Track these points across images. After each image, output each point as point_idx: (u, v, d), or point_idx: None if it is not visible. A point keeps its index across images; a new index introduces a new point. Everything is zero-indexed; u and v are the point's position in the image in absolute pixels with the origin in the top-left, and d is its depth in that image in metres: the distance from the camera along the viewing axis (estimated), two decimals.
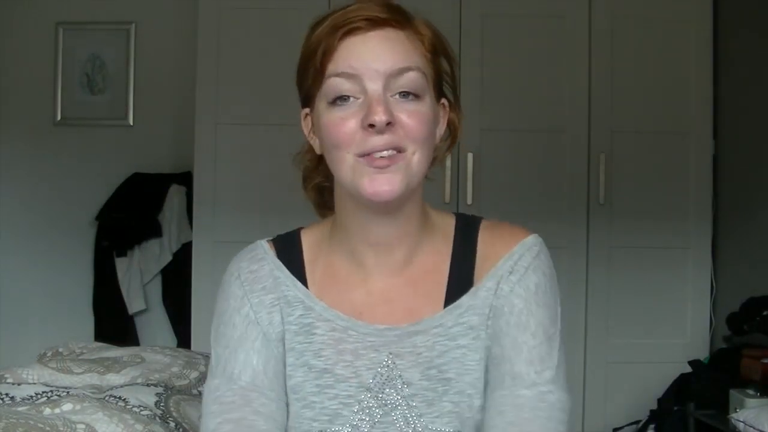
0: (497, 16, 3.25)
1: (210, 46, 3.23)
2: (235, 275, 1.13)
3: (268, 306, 1.10)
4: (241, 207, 3.21)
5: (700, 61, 3.28)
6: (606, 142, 3.25)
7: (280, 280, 1.11)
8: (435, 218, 1.14)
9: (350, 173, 1.02)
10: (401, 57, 1.02)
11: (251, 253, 1.14)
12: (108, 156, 3.72)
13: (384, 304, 1.09)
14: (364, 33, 1.02)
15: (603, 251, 3.26)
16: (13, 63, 3.76)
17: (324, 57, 1.02)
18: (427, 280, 1.09)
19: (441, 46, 1.09)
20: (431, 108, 1.05)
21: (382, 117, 0.99)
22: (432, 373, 1.06)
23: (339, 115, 1.02)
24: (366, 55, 1.01)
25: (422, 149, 1.03)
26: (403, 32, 1.04)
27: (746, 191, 3.16)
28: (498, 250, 1.09)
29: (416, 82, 1.02)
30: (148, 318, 3.69)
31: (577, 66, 3.25)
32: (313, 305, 1.10)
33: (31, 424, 1.23)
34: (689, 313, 3.29)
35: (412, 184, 1.03)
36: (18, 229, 3.75)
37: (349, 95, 1.01)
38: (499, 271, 1.07)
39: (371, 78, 1.01)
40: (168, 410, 1.43)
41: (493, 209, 3.13)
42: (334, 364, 1.08)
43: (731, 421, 2.40)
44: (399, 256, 1.10)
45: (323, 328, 1.09)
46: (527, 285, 1.06)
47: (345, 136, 1.01)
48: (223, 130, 3.24)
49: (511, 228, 1.12)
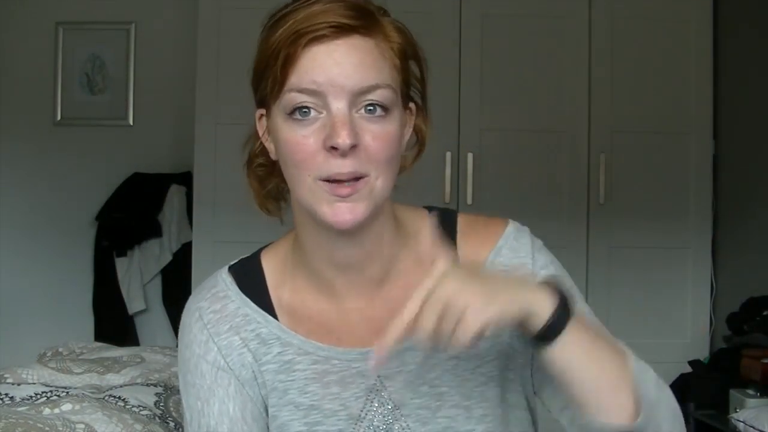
0: (497, 16, 3.25)
1: (210, 46, 3.23)
2: (196, 316, 1.05)
3: (238, 348, 1.03)
4: (241, 207, 3.18)
5: (700, 61, 3.28)
6: (606, 142, 3.25)
7: (249, 317, 1.04)
8: (409, 221, 1.06)
9: (309, 196, 0.94)
10: (369, 73, 0.93)
11: (213, 289, 1.06)
12: (108, 156, 3.72)
13: (364, 323, 1.02)
14: (329, 42, 0.92)
15: (603, 251, 3.26)
16: (13, 63, 3.75)
17: (284, 67, 0.93)
18: (409, 290, 0.99)
19: (411, 49, 1.00)
20: (398, 123, 0.96)
21: (345, 140, 0.90)
22: (424, 390, 1.01)
23: (300, 133, 0.93)
24: (331, 69, 0.91)
25: (386, 172, 0.95)
26: (373, 40, 0.94)
27: (746, 191, 3.16)
28: (479, 249, 1.03)
29: (385, 97, 0.94)
30: (148, 318, 3.69)
31: (577, 66, 3.25)
32: (290, 340, 1.02)
33: (31, 424, 1.23)
34: (689, 313, 3.29)
35: (377, 207, 0.96)
36: (18, 229, 3.75)
37: (310, 108, 0.93)
38: (488, 268, 1.01)
39: (335, 96, 0.92)
40: (168, 410, 1.43)
41: (493, 209, 3.11)
42: (321, 399, 1.01)
43: (731, 421, 2.40)
44: (372, 275, 1.02)
45: (305, 363, 1.02)
46: (546, 265, 1.03)
47: (305, 157, 0.93)
48: (223, 130, 3.23)
49: (485, 221, 1.06)
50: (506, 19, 3.26)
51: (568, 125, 3.25)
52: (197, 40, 3.26)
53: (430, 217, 1.03)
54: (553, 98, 3.25)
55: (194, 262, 3.24)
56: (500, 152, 3.23)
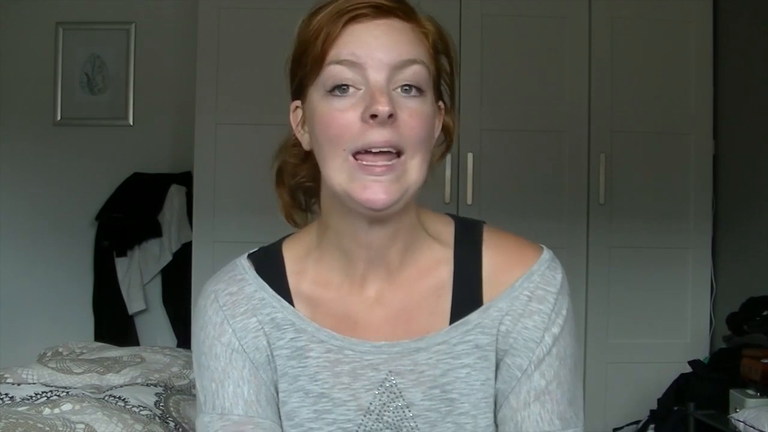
0: (497, 16, 3.25)
1: (210, 46, 3.23)
2: (212, 298, 1.05)
3: (253, 331, 1.03)
4: (241, 207, 3.21)
5: (700, 61, 3.29)
6: (606, 142, 3.25)
7: (265, 301, 1.04)
8: (430, 222, 1.07)
9: (342, 176, 0.95)
10: (407, 48, 0.96)
11: (229, 273, 1.07)
12: (108, 156, 3.72)
13: (382, 315, 1.03)
14: (370, 20, 0.96)
15: (603, 251, 3.26)
16: (13, 63, 3.75)
17: (325, 43, 0.95)
18: (426, 290, 1.03)
19: (444, 44, 1.03)
20: (432, 106, 0.99)
21: (385, 107, 0.92)
22: (435, 393, 1.01)
23: (336, 107, 0.95)
24: (371, 43, 0.95)
25: (421, 152, 0.96)
26: (409, 24, 0.98)
27: (746, 191, 3.16)
28: (511, 267, 1.02)
29: (421, 76, 0.97)
30: (148, 318, 3.69)
31: (577, 66, 3.25)
32: (304, 326, 1.03)
33: (31, 424, 1.23)
34: (689, 313, 3.29)
35: (409, 193, 0.97)
36: (18, 229, 3.75)
37: (350, 85, 0.95)
38: (515, 292, 1.01)
39: (375, 68, 0.94)
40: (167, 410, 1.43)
41: (493, 209, 3.13)
42: (331, 387, 1.02)
43: (731, 421, 2.40)
44: (392, 257, 1.03)
45: (318, 350, 1.02)
46: (559, 310, 1.01)
47: (342, 128, 0.94)
48: (223, 130, 3.24)
49: (517, 240, 1.06)
50: (506, 19, 3.26)
51: (568, 125, 3.26)
52: (197, 40, 3.26)
53: (452, 220, 1.08)
54: (553, 98, 3.26)
55: (194, 262, 3.24)
56: (500, 152, 3.24)
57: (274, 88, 3.79)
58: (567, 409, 1.01)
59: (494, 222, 1.12)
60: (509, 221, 2.74)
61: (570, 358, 1.02)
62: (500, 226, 1.11)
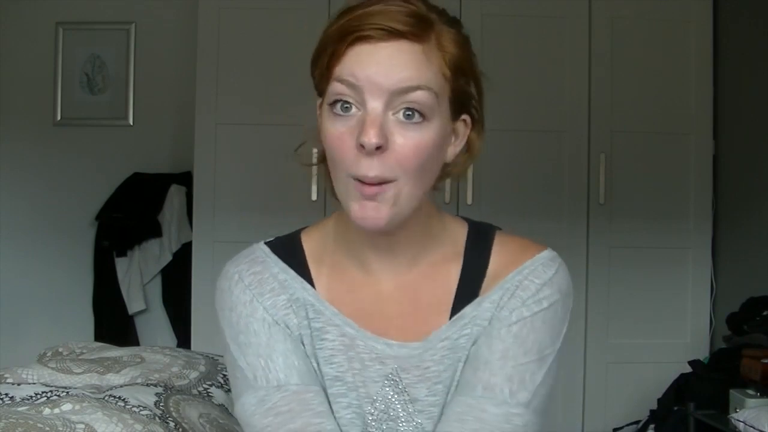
0: (497, 16, 3.25)
1: (210, 46, 3.23)
2: (235, 279, 1.05)
3: (282, 308, 1.04)
4: (241, 207, 3.21)
5: (700, 61, 3.29)
6: (606, 142, 3.25)
7: (287, 282, 1.05)
8: (446, 225, 1.09)
9: (343, 191, 0.97)
10: (411, 74, 0.93)
11: (250, 255, 1.07)
12: (108, 156, 3.72)
13: (393, 311, 1.05)
14: (375, 43, 0.93)
15: (603, 251, 3.26)
16: (13, 63, 3.76)
17: (330, 60, 0.96)
18: (434, 287, 1.05)
19: (466, 63, 1.00)
20: (438, 131, 0.96)
21: (372, 140, 0.91)
22: (439, 389, 1.02)
23: (338, 129, 0.95)
24: (371, 68, 0.93)
25: (414, 181, 0.95)
26: (421, 46, 0.95)
27: (746, 191, 3.16)
28: (508, 265, 1.04)
29: (425, 101, 0.94)
30: (148, 318, 3.69)
31: (577, 66, 3.25)
32: (323, 309, 1.04)
33: (31, 424, 1.23)
34: (689, 313, 3.29)
35: (402, 214, 0.97)
36: (18, 229, 3.75)
37: (351, 103, 0.95)
38: (507, 284, 1.02)
39: (372, 93, 0.93)
40: (167, 410, 1.43)
41: (493, 209, 3.13)
42: (346, 371, 1.03)
43: (731, 421, 2.40)
44: (402, 260, 1.05)
45: (333, 333, 1.04)
46: (539, 299, 1.01)
47: (341, 154, 0.95)
48: (223, 130, 3.24)
49: (524, 242, 1.07)
50: (506, 19, 3.26)
51: (568, 125, 3.26)
52: (197, 40, 3.26)
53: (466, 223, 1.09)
54: (553, 98, 3.26)
55: (194, 262, 3.24)
56: (500, 152, 3.24)
57: (274, 88, 3.81)
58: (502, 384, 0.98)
59: (494, 222, 1.13)
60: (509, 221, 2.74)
61: (532, 343, 0.99)
62: (501, 226, 1.12)
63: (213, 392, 1.59)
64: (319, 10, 2.98)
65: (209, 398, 1.57)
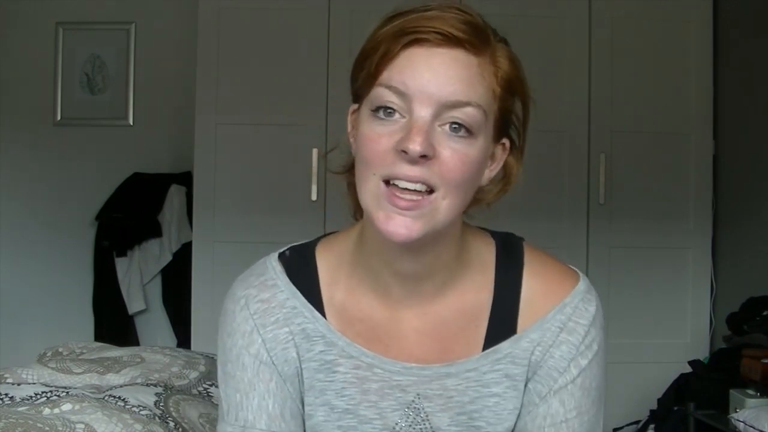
0: (497, 16, 3.22)
1: (210, 46, 3.23)
2: (242, 304, 1.01)
3: (283, 342, 1.00)
4: (241, 207, 3.21)
5: (700, 61, 3.28)
6: (606, 142, 3.25)
7: (296, 310, 1.00)
8: (473, 246, 1.03)
9: (371, 200, 0.91)
10: (462, 88, 0.89)
11: (261, 277, 1.02)
12: (108, 156, 3.72)
13: (415, 338, 1.00)
14: (431, 47, 0.89)
15: (603, 251, 3.26)
16: (13, 63, 3.75)
17: (380, 61, 0.90)
18: (464, 317, 1.00)
19: (517, 83, 0.98)
20: (482, 149, 0.93)
21: (416, 147, 0.86)
22: (462, 419, 0.99)
23: (377, 131, 0.90)
24: (424, 74, 0.88)
25: (455, 194, 0.91)
26: (476, 58, 0.91)
27: (746, 191, 3.16)
28: (546, 297, 1.01)
29: (472, 118, 0.90)
30: (148, 318, 3.69)
31: (577, 66, 3.25)
32: (335, 340, 1.00)
33: (31, 424, 1.23)
34: (689, 313, 3.29)
35: (435, 231, 0.92)
36: (18, 229, 3.75)
37: (395, 110, 0.90)
38: (547, 323, 1.00)
39: (421, 102, 0.88)
40: (167, 410, 1.43)
41: (493, 209, 3.12)
42: (358, 404, 0.99)
43: (731, 421, 2.40)
44: (428, 289, 1.00)
45: (346, 366, 0.99)
46: (590, 343, 1.01)
47: (375, 154, 0.90)
48: (223, 130, 3.23)
49: (557, 268, 1.04)
50: (506, 19, 3.24)
51: (568, 125, 3.25)
52: (197, 40, 3.26)
53: (492, 240, 1.05)
54: (553, 98, 3.25)
55: (194, 262, 3.24)
56: None
57: (274, 88, 3.81)
58: None
59: (494, 222, 1.12)
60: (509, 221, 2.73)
61: (595, 391, 1.01)
62: (500, 226, 1.11)
63: (213, 392, 1.59)
64: (319, 10, 2.98)
65: (209, 398, 1.57)
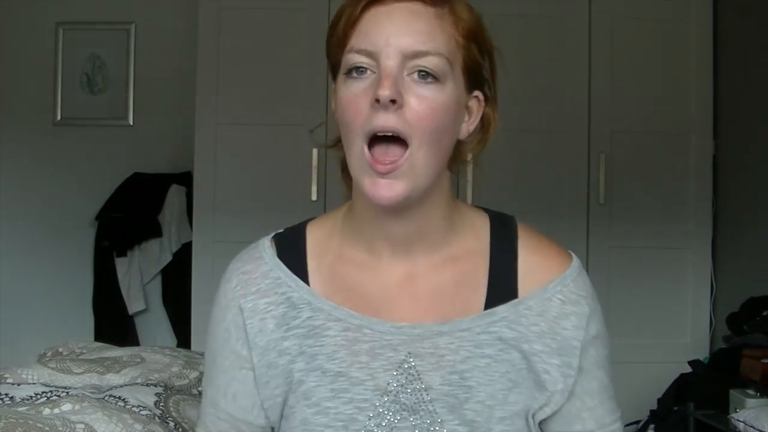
0: (497, 16, 3.22)
1: (210, 46, 3.23)
2: (227, 277, 1.08)
3: (261, 312, 1.04)
4: (241, 207, 3.21)
5: (700, 61, 3.29)
6: (606, 142, 3.25)
7: (280, 280, 1.05)
8: (465, 214, 1.09)
9: (357, 166, 0.97)
10: (423, 38, 0.95)
11: (249, 252, 1.09)
12: (108, 156, 3.72)
13: (409, 304, 1.03)
14: (390, 4, 0.96)
15: (603, 251, 3.26)
16: (13, 63, 3.76)
17: (346, 27, 0.97)
18: (458, 282, 1.03)
19: (479, 32, 1.03)
20: (453, 96, 0.98)
21: (385, 92, 0.92)
22: (453, 379, 1.00)
23: (353, 91, 0.96)
24: (386, 29, 0.95)
25: (429, 143, 0.95)
26: (434, 9, 0.97)
27: (746, 191, 3.16)
28: (544, 270, 1.04)
29: (436, 66, 0.95)
30: (148, 318, 3.69)
31: (577, 66, 3.25)
32: (321, 305, 1.03)
33: (31, 424, 1.23)
34: (689, 313, 3.29)
35: (418, 188, 0.97)
36: (18, 229, 3.75)
37: (366, 67, 0.96)
38: (548, 293, 1.03)
39: (387, 54, 0.94)
40: (167, 410, 1.43)
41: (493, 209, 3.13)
42: (349, 366, 1.01)
43: (731, 421, 2.40)
44: (420, 253, 1.03)
45: (335, 329, 1.02)
46: (594, 312, 1.09)
47: (354, 113, 0.95)
48: (223, 130, 3.24)
49: (551, 245, 1.08)
50: (506, 19, 3.26)
51: (568, 125, 3.25)
52: (197, 40, 3.26)
53: (486, 213, 1.11)
54: (553, 98, 3.25)
55: (194, 262, 3.24)
56: (500, 152, 3.22)
57: (274, 88, 3.81)
58: (613, 400, 1.09)
59: None
60: None
61: (611, 353, 1.09)
62: None
63: None
64: (319, 10, 2.98)
65: None
